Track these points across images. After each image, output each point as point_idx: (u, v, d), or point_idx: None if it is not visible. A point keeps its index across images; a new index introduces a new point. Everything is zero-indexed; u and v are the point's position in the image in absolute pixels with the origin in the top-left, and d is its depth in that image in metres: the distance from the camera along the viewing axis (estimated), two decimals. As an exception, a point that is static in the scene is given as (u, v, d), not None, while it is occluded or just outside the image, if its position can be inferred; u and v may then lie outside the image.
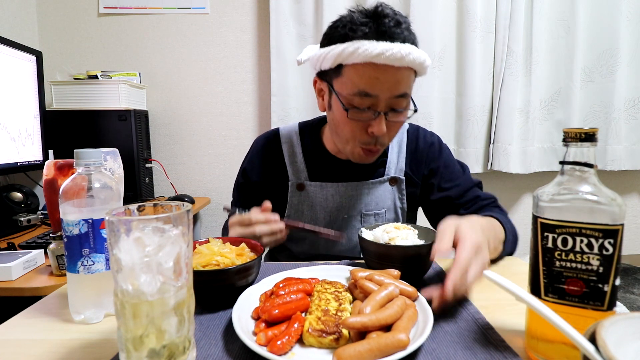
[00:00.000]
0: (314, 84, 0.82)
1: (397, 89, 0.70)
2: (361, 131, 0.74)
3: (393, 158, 0.88)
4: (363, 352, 0.38)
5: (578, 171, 0.40)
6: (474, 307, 0.54)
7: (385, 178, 0.87)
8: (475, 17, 1.64)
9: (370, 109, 0.71)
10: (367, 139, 0.75)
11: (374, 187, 0.87)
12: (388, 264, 0.60)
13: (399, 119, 0.75)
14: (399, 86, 0.70)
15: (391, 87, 0.69)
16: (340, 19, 0.72)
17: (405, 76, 0.70)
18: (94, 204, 0.50)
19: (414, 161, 0.89)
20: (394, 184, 0.88)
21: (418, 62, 0.68)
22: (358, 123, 0.73)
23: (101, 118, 1.53)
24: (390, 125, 0.74)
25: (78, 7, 1.74)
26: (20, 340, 0.48)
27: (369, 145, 0.76)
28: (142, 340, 0.36)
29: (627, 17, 1.66)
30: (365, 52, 0.66)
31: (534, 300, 0.38)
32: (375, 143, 0.75)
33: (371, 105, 0.71)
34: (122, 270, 0.35)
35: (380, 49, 0.66)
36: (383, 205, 0.87)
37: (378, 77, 0.68)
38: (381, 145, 0.76)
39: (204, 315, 0.52)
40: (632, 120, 1.72)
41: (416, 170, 0.90)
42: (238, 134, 1.82)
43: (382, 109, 0.71)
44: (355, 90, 0.70)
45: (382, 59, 0.66)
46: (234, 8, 1.76)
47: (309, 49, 0.82)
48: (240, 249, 0.61)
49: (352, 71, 0.70)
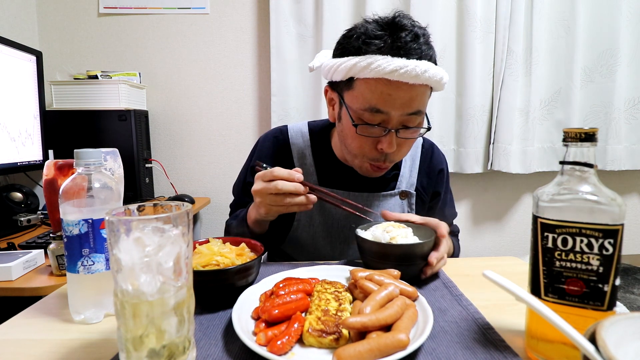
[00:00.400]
0: (325, 92, 0.79)
1: (410, 107, 0.67)
2: (370, 147, 0.72)
3: (405, 172, 0.88)
4: (363, 352, 0.38)
5: (578, 171, 0.40)
6: (474, 307, 0.54)
7: (396, 191, 0.86)
8: (475, 17, 1.64)
9: (380, 125, 0.68)
10: (376, 155, 0.72)
11: (384, 199, 0.85)
12: (388, 263, 0.60)
13: (411, 136, 0.72)
14: (413, 104, 0.67)
15: (404, 105, 0.67)
16: (354, 29, 0.70)
17: (420, 93, 0.67)
18: (94, 204, 0.50)
19: (426, 178, 0.90)
20: (404, 198, 0.86)
21: (434, 79, 0.66)
22: (367, 139, 0.71)
23: (101, 118, 1.53)
24: (401, 143, 0.72)
25: (78, 7, 1.74)
26: (20, 340, 0.48)
27: (377, 162, 0.74)
28: (142, 340, 0.36)
29: (627, 17, 1.66)
30: (378, 68, 0.63)
31: (534, 300, 0.38)
32: (385, 160, 0.73)
33: (382, 121, 0.68)
34: (122, 270, 0.35)
35: (394, 65, 0.62)
36: None
37: (391, 94, 0.65)
38: (390, 162, 0.75)
39: (204, 315, 0.52)
40: (632, 120, 1.72)
41: (427, 187, 0.90)
42: (238, 134, 1.82)
43: (393, 126, 0.68)
44: (367, 105, 0.67)
45: (395, 75, 0.63)
46: (234, 8, 1.76)
47: (322, 54, 0.79)
48: (240, 249, 0.61)
49: (363, 85, 0.67)
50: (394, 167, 0.86)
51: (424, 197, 0.90)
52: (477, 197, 1.87)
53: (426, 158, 0.90)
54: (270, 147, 0.89)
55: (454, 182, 1.81)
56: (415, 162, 0.89)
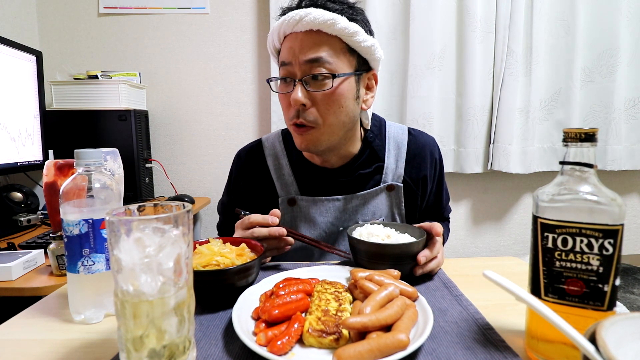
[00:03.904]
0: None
1: (307, 53, 0.70)
2: (288, 106, 0.74)
3: (391, 163, 0.84)
4: (363, 352, 0.38)
5: (578, 171, 0.40)
6: (474, 307, 0.54)
7: (381, 187, 0.83)
8: (475, 17, 1.64)
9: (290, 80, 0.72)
10: (292, 112, 0.73)
11: (369, 197, 0.83)
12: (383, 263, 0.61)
13: (321, 89, 0.70)
14: (309, 50, 0.70)
15: (301, 51, 0.70)
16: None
17: (316, 41, 0.70)
18: (94, 204, 0.50)
19: (415, 166, 0.86)
20: (392, 191, 0.84)
21: (319, 21, 0.67)
22: (285, 98, 0.74)
23: (101, 118, 1.53)
24: (314, 98, 0.71)
25: (78, 7, 1.74)
26: (20, 340, 0.48)
27: (293, 120, 0.73)
28: (142, 341, 0.36)
29: (627, 17, 1.66)
30: (275, 29, 0.73)
31: (534, 300, 0.38)
32: (298, 116, 0.72)
33: (290, 75, 0.72)
34: (122, 270, 0.35)
35: (283, 18, 0.71)
36: (380, 213, 0.84)
37: (291, 45, 0.71)
38: (306, 120, 0.72)
39: (204, 315, 0.52)
40: (632, 120, 1.72)
41: (416, 175, 0.86)
42: (238, 134, 1.82)
43: (296, 76, 0.71)
44: (280, 64, 0.74)
45: (284, 26, 0.71)
46: (234, 8, 1.76)
47: None
48: (240, 249, 0.61)
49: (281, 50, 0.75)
50: (377, 159, 0.83)
51: (413, 188, 0.86)
52: (477, 197, 1.87)
53: (412, 145, 0.86)
54: (246, 163, 0.89)
55: (454, 182, 1.82)
56: (402, 150, 0.85)
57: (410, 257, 0.62)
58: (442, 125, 1.73)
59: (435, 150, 0.90)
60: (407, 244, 0.61)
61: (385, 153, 0.84)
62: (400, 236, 0.67)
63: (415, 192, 0.87)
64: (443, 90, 1.71)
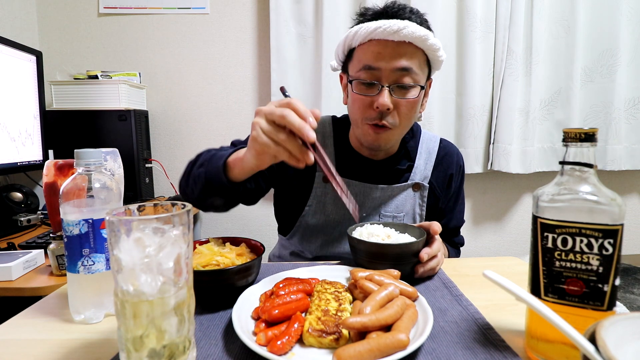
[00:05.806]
0: (340, 80, 0.87)
1: (398, 62, 0.73)
2: (367, 108, 0.77)
3: (420, 164, 0.90)
4: (363, 352, 0.38)
5: (578, 171, 0.40)
6: (474, 307, 0.54)
7: (409, 183, 0.88)
8: (475, 17, 1.64)
9: (375, 84, 0.75)
10: (373, 114, 0.76)
11: (397, 191, 0.88)
12: (383, 262, 0.61)
13: (406, 97, 0.76)
14: (400, 60, 0.73)
15: (392, 59, 0.73)
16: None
17: (407, 52, 0.74)
18: (94, 204, 0.50)
19: (441, 172, 0.92)
20: (417, 190, 0.89)
21: (415, 36, 0.72)
22: (365, 100, 0.76)
23: (101, 118, 1.53)
24: (397, 103, 0.76)
25: (78, 7, 1.74)
26: (20, 340, 0.48)
27: (374, 121, 0.77)
28: (143, 340, 0.36)
29: (627, 17, 1.66)
30: (365, 31, 0.73)
31: (534, 300, 0.38)
32: (381, 118, 0.76)
33: (376, 79, 0.75)
34: (122, 270, 0.35)
35: (377, 24, 0.72)
36: (402, 209, 0.88)
37: (380, 52, 0.74)
38: (388, 123, 0.77)
39: (204, 315, 0.52)
40: (632, 120, 1.72)
41: (441, 182, 0.92)
42: (238, 134, 1.81)
43: (385, 82, 0.74)
44: (361, 65, 0.76)
45: (379, 32, 0.72)
46: (234, 8, 1.76)
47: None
48: (240, 249, 0.61)
49: (359, 51, 0.77)
50: (409, 158, 0.90)
51: (437, 192, 0.91)
52: (477, 197, 1.87)
53: (443, 153, 0.92)
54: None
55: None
56: (432, 155, 0.91)
57: (411, 257, 0.62)
58: (442, 125, 1.73)
59: (461, 159, 0.97)
60: (407, 244, 0.61)
61: (417, 154, 0.91)
62: (400, 236, 0.67)
63: (438, 195, 0.92)
64: (443, 90, 1.71)
